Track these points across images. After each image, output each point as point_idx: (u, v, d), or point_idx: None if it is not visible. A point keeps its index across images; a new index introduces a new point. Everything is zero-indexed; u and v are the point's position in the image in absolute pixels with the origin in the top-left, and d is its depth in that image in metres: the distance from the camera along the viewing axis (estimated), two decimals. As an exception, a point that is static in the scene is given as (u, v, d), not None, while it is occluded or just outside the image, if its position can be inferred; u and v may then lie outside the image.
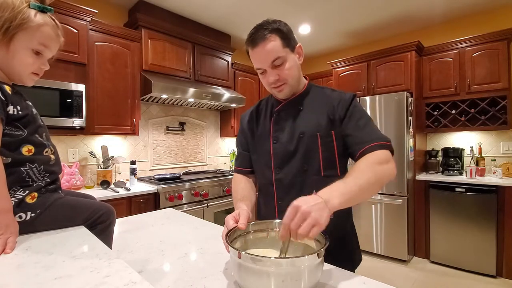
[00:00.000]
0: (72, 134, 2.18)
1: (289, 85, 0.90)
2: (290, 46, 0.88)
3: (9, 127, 0.66)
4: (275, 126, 0.97)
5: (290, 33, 0.89)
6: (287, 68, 0.87)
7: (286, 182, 0.92)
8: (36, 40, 0.67)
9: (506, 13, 2.84)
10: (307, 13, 2.99)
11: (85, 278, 0.45)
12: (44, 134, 0.75)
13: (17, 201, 0.66)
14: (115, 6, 2.75)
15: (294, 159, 0.91)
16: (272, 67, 0.87)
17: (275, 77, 0.88)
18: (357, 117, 0.88)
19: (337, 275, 0.68)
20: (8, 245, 0.57)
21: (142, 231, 1.07)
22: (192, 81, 2.92)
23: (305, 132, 0.90)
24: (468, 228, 2.58)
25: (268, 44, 0.84)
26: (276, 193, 0.95)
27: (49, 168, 0.74)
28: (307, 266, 0.52)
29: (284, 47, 0.86)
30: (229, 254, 0.58)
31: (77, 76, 2.14)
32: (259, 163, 1.01)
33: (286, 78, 0.88)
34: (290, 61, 0.88)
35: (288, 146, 0.92)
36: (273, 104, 1.01)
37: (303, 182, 0.90)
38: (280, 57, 0.85)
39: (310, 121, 0.91)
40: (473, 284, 2.39)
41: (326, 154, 0.89)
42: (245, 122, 1.08)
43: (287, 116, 0.95)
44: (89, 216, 0.75)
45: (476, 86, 2.79)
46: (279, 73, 0.87)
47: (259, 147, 1.01)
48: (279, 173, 0.94)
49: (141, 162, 2.86)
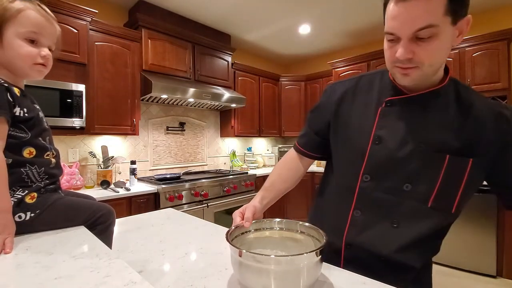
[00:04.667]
0: (72, 134, 2.18)
1: (422, 71, 0.61)
2: (454, 15, 0.57)
3: (13, 129, 0.66)
4: (382, 121, 0.72)
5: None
6: (434, 47, 0.58)
7: (373, 195, 0.72)
8: (23, 27, 0.65)
9: (506, 13, 2.84)
10: (307, 13, 2.99)
11: (85, 278, 0.45)
12: (47, 138, 0.75)
13: (16, 201, 0.66)
14: (115, 6, 2.75)
15: (395, 172, 0.69)
16: (411, 38, 0.58)
17: (408, 54, 0.59)
18: None
19: (337, 275, 0.68)
20: (7, 245, 0.57)
21: (142, 231, 1.07)
22: (192, 81, 2.92)
23: (427, 144, 0.66)
24: (468, 228, 2.58)
25: (423, 1, 0.55)
26: (355, 203, 0.75)
27: (49, 171, 0.74)
28: (306, 264, 0.53)
29: (446, 14, 0.56)
30: (230, 252, 0.58)
31: (77, 76, 2.14)
32: (343, 160, 0.80)
33: (423, 60, 0.60)
34: (444, 38, 0.58)
35: (395, 154, 0.69)
36: (384, 89, 0.74)
37: (395, 204, 0.70)
38: (433, 27, 0.56)
39: (439, 132, 0.66)
40: (473, 284, 2.39)
41: (447, 183, 0.65)
42: (334, 100, 0.81)
43: (403, 114, 0.69)
44: (89, 217, 0.75)
45: (476, 86, 2.78)
46: (418, 50, 0.59)
47: (349, 140, 0.78)
48: (368, 181, 0.72)
49: (141, 162, 2.86)
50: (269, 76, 3.97)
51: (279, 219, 0.73)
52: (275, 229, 0.72)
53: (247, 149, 4.08)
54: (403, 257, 0.70)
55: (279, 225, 0.72)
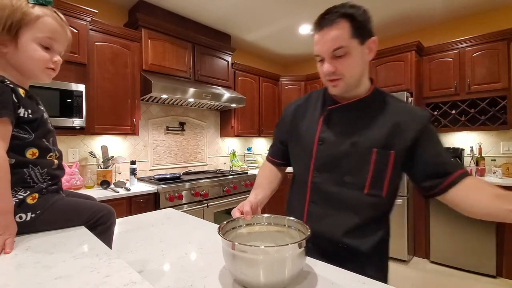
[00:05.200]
0: (72, 134, 2.18)
1: (345, 82, 0.79)
2: (360, 37, 0.76)
3: (17, 129, 0.66)
4: (324, 126, 0.88)
5: (366, 23, 0.77)
6: (348, 62, 0.76)
7: (322, 188, 0.87)
8: (40, 33, 0.67)
9: (506, 13, 2.84)
10: (307, 13, 2.98)
11: (85, 278, 0.45)
12: (51, 139, 0.76)
13: (18, 201, 0.66)
14: (115, 6, 2.75)
15: (337, 167, 0.84)
16: (331, 57, 0.76)
17: (332, 69, 0.77)
18: (435, 143, 0.80)
19: (337, 275, 0.68)
20: (8, 246, 0.57)
21: (142, 231, 1.07)
22: (192, 81, 2.92)
23: (358, 142, 0.82)
24: (468, 228, 2.58)
25: (333, 30, 0.74)
26: (309, 196, 0.90)
27: (51, 172, 0.74)
28: (291, 254, 0.58)
29: (352, 37, 0.74)
30: (222, 245, 0.62)
31: (77, 76, 2.14)
32: (298, 161, 0.96)
33: (343, 73, 0.77)
34: (355, 54, 0.76)
35: (335, 152, 0.84)
36: (326, 101, 0.91)
37: (340, 194, 0.84)
38: (343, 48, 0.74)
39: (367, 132, 0.82)
40: (473, 284, 2.39)
41: (376, 172, 0.81)
42: (289, 113, 1.00)
43: (340, 119, 0.86)
44: (90, 217, 0.75)
45: (476, 86, 2.79)
46: (338, 65, 0.77)
47: (300, 143, 0.93)
48: (318, 177, 0.87)
49: (141, 162, 2.86)
50: (269, 76, 3.97)
51: (267, 214, 0.78)
52: (264, 224, 0.78)
53: (247, 149, 4.08)
54: (350, 241, 0.83)
55: (268, 220, 0.78)
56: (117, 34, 2.39)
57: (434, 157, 0.78)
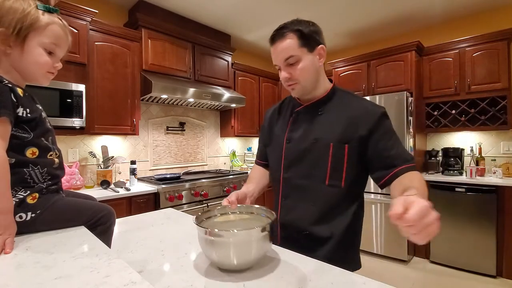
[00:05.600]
0: (72, 134, 2.18)
1: (301, 85, 0.91)
2: (308, 46, 0.87)
3: (16, 129, 0.67)
4: (291, 127, 0.99)
5: (312, 34, 0.88)
6: (300, 68, 0.88)
7: (291, 183, 0.96)
8: (47, 39, 0.70)
9: (506, 13, 2.84)
10: (307, 13, 2.98)
11: (85, 278, 0.45)
12: (50, 138, 0.76)
13: (18, 201, 0.66)
14: (115, 6, 2.75)
15: (302, 162, 0.93)
16: (285, 65, 0.89)
17: (287, 75, 0.90)
18: (386, 137, 0.86)
19: (337, 275, 0.68)
20: (8, 246, 0.57)
21: (142, 231, 1.07)
22: (192, 81, 2.92)
23: (319, 139, 0.91)
24: (468, 228, 2.58)
25: (283, 42, 0.87)
26: (281, 191, 0.99)
27: (52, 171, 0.74)
28: (256, 236, 0.66)
29: (301, 46, 0.86)
30: (197, 233, 0.69)
31: (77, 76, 2.14)
32: (272, 160, 1.07)
33: (297, 78, 0.89)
34: (305, 61, 0.87)
35: (299, 149, 0.94)
36: (294, 105, 1.02)
37: (307, 186, 0.93)
38: (294, 56, 0.86)
39: (326, 128, 0.91)
40: (473, 284, 2.39)
41: (334, 165, 0.89)
42: (267, 118, 1.13)
43: (304, 119, 0.97)
44: (90, 218, 0.75)
45: (476, 86, 2.79)
46: (291, 72, 0.89)
47: (274, 144, 1.04)
48: (287, 172, 0.97)
49: (141, 162, 2.86)
50: (269, 76, 3.97)
51: (239, 205, 0.87)
52: (236, 213, 0.86)
53: (247, 149, 4.08)
54: (316, 229, 0.91)
55: (240, 209, 0.87)
56: (117, 34, 2.39)
57: (383, 150, 0.85)
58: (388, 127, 0.88)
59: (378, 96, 2.97)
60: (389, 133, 0.87)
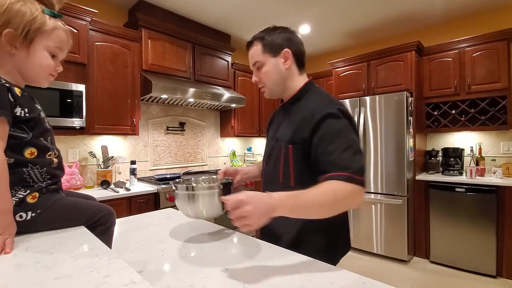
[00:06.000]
0: (72, 134, 2.18)
1: (268, 87, 0.99)
2: (271, 51, 0.94)
3: (14, 129, 0.67)
4: (270, 125, 1.11)
5: (274, 40, 0.94)
6: (264, 72, 0.96)
7: (265, 178, 1.05)
8: (52, 43, 0.72)
9: (506, 13, 2.84)
10: (307, 13, 2.99)
11: (85, 278, 0.45)
12: (49, 138, 0.76)
13: (18, 200, 0.66)
14: (115, 6, 2.75)
15: (270, 160, 1.01)
16: (255, 69, 0.99)
17: (256, 78, 1.00)
18: (327, 140, 0.81)
19: (337, 275, 0.68)
20: (8, 246, 0.57)
21: (142, 231, 1.07)
22: (192, 81, 2.92)
23: (278, 138, 0.97)
24: (468, 228, 2.58)
25: (251, 49, 0.98)
26: (263, 184, 1.08)
27: (51, 171, 0.74)
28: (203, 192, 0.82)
29: (264, 52, 0.94)
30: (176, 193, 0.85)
31: (77, 76, 2.14)
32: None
33: (264, 80, 0.97)
34: (268, 65, 0.95)
35: (269, 147, 1.03)
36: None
37: (271, 183, 1.00)
38: (259, 61, 0.96)
39: (285, 129, 0.95)
40: (473, 284, 2.39)
41: (284, 165, 0.93)
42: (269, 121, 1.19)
43: (277, 119, 1.06)
44: (90, 218, 0.75)
45: (476, 86, 2.79)
46: (259, 75, 0.98)
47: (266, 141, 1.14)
48: (264, 169, 1.06)
49: (141, 162, 2.86)
50: (269, 76, 3.96)
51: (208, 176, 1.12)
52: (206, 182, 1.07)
53: (247, 149, 4.08)
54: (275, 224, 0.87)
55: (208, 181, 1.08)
56: (117, 34, 2.39)
57: (321, 155, 0.82)
58: (332, 129, 0.82)
59: (378, 96, 2.97)
60: (331, 135, 0.81)
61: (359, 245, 3.08)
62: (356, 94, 3.34)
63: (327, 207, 0.74)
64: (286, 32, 0.96)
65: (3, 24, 0.64)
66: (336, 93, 3.56)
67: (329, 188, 0.74)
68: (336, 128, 0.82)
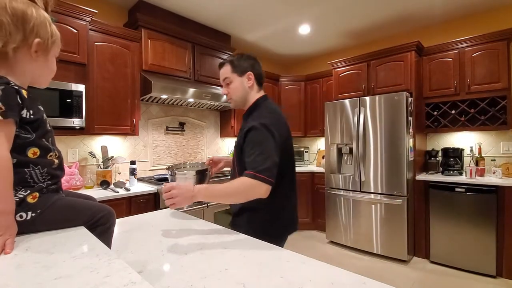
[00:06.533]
0: (71, 134, 2.18)
1: (233, 100, 1.24)
2: (238, 72, 1.21)
3: (19, 130, 0.67)
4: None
5: (241, 63, 1.21)
6: (231, 87, 1.22)
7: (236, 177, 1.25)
8: (58, 48, 0.79)
9: (506, 13, 2.85)
10: (307, 13, 2.99)
11: (85, 278, 0.45)
12: (50, 139, 0.77)
13: (18, 200, 0.66)
14: (115, 6, 2.75)
15: (235, 161, 1.24)
16: (224, 85, 1.24)
17: (225, 92, 1.25)
18: (249, 146, 1.07)
19: (337, 275, 0.68)
20: (8, 246, 0.57)
21: (142, 231, 1.07)
22: (192, 81, 2.92)
23: (237, 142, 1.18)
24: (468, 228, 2.58)
25: (222, 69, 1.24)
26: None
27: (52, 172, 0.75)
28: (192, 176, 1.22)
29: (233, 72, 1.21)
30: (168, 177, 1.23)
31: (77, 76, 2.14)
32: None
33: (231, 94, 1.23)
34: (236, 82, 1.21)
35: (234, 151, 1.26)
36: None
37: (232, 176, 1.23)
38: (228, 78, 1.22)
39: (239, 136, 1.18)
40: (473, 284, 2.39)
41: (234, 166, 1.23)
42: None
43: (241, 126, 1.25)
44: (90, 218, 0.75)
45: (476, 86, 2.79)
46: (228, 90, 1.23)
47: None
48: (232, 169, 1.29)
49: (141, 162, 2.86)
50: (269, 76, 3.97)
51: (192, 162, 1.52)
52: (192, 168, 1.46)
53: (247, 149, 4.08)
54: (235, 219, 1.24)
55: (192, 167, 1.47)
56: (117, 34, 2.39)
57: (246, 157, 1.07)
58: (251, 139, 1.08)
59: (378, 96, 2.97)
60: (250, 143, 1.07)
61: (359, 245, 3.08)
62: (356, 94, 3.34)
63: (234, 195, 1.02)
64: (251, 59, 1.24)
65: (34, 33, 0.69)
66: (336, 93, 3.56)
67: (237, 182, 1.02)
68: (254, 138, 1.08)
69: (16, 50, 0.67)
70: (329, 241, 3.40)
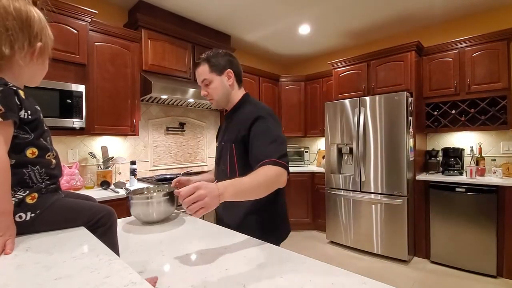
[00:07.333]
0: (72, 134, 2.18)
1: (215, 100, 1.19)
2: (217, 71, 1.14)
3: (17, 130, 0.67)
4: (218, 135, 1.32)
5: (219, 62, 1.14)
6: (211, 88, 1.16)
7: (218, 177, 1.21)
8: (51, 49, 0.78)
9: (506, 13, 2.85)
10: (307, 13, 2.99)
11: (85, 278, 0.45)
12: (48, 139, 0.77)
13: (17, 201, 0.66)
14: (115, 7, 2.75)
15: (220, 160, 1.20)
16: (203, 85, 1.18)
17: (205, 93, 1.18)
18: (257, 137, 1.03)
19: (337, 275, 0.68)
20: (8, 246, 0.57)
21: (142, 231, 1.07)
22: (192, 82, 2.92)
23: (224, 141, 1.17)
24: (468, 228, 2.58)
25: (199, 68, 1.16)
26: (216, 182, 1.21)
27: (50, 172, 0.75)
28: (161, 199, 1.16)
29: (211, 72, 1.14)
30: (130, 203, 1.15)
31: (77, 76, 2.14)
32: None
33: (212, 95, 1.17)
34: (215, 82, 1.15)
35: (219, 149, 1.22)
36: None
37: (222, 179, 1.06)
38: (207, 79, 1.15)
39: (228, 133, 1.16)
40: (473, 284, 2.39)
41: (230, 161, 1.13)
42: None
43: (222, 129, 1.27)
44: (89, 218, 0.75)
45: (476, 86, 2.79)
46: (208, 90, 1.17)
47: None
48: (217, 168, 1.24)
49: (141, 163, 2.86)
50: (269, 76, 3.97)
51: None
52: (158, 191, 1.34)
53: (247, 149, 4.08)
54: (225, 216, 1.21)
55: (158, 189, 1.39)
56: (117, 34, 2.39)
57: (254, 148, 1.03)
58: (260, 128, 1.04)
59: (378, 96, 2.97)
60: (259, 133, 1.03)
61: (359, 245, 3.08)
62: (356, 94, 3.34)
63: (263, 186, 0.89)
64: (227, 55, 1.18)
65: (37, 37, 0.70)
66: (336, 93, 3.56)
67: (261, 171, 0.92)
68: (263, 127, 1.04)
69: (20, 54, 0.68)
70: (329, 241, 3.40)
